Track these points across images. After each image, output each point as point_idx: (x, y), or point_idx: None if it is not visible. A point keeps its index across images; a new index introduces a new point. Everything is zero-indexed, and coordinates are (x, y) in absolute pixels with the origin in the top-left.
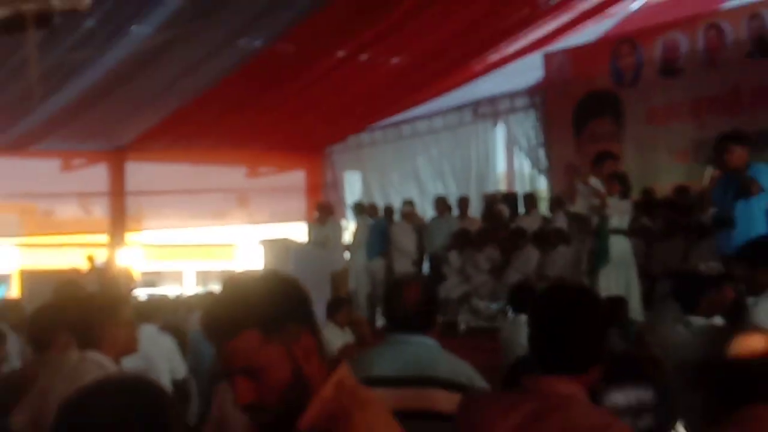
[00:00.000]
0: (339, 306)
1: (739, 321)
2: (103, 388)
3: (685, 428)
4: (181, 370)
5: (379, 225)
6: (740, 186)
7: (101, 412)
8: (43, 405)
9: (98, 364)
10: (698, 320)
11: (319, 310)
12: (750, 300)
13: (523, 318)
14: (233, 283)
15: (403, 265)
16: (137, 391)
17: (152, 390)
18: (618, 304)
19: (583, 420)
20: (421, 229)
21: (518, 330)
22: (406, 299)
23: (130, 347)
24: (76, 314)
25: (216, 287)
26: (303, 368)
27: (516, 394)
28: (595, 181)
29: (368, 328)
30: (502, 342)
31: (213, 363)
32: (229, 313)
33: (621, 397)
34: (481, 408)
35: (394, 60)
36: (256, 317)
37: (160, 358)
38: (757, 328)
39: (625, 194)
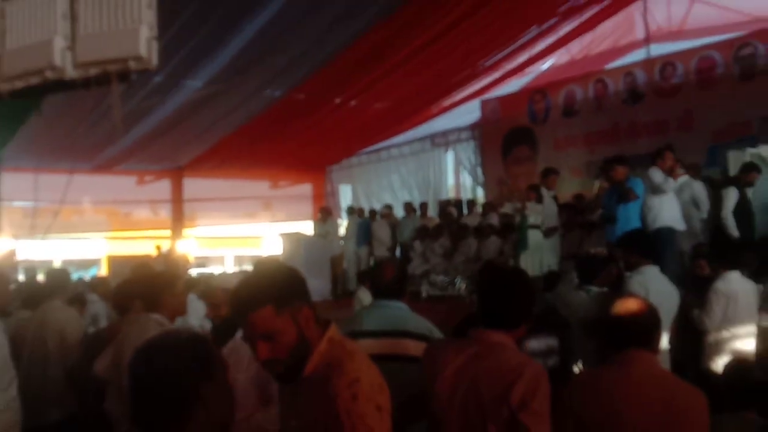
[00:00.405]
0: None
1: (619, 289)
2: (166, 338)
3: (582, 366)
4: (208, 327)
5: (364, 222)
6: (621, 194)
7: (166, 355)
8: (120, 351)
9: (158, 322)
10: (593, 288)
11: (323, 283)
12: (627, 274)
13: None
14: (252, 273)
15: (381, 251)
16: (190, 340)
17: (200, 339)
18: (555, 277)
19: (509, 360)
20: (394, 225)
21: None
22: (385, 275)
23: (180, 311)
24: (145, 287)
25: (248, 268)
26: (304, 332)
27: (463, 341)
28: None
29: None
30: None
31: None
32: (250, 294)
33: (536, 343)
34: (439, 351)
35: (376, 105)
36: (270, 297)
37: (194, 318)
38: (631, 295)
39: (539, 200)
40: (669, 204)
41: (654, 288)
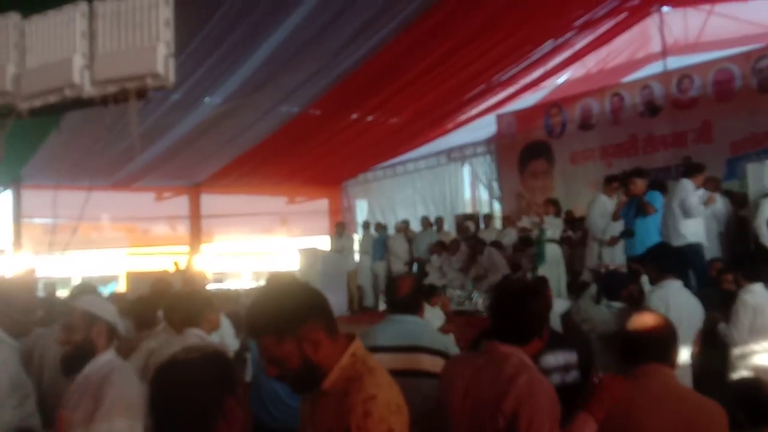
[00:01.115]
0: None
1: (639, 304)
2: (193, 352)
3: None
4: (232, 344)
5: (380, 237)
6: (639, 207)
7: (193, 368)
8: (145, 363)
9: (198, 336)
10: (615, 304)
11: (339, 298)
12: (648, 289)
13: None
14: (260, 298)
15: (398, 266)
16: (215, 355)
17: (223, 355)
18: (584, 285)
19: (507, 370)
20: (410, 239)
21: None
22: (401, 290)
23: (216, 326)
24: (188, 303)
25: (264, 283)
26: (310, 357)
27: (475, 353)
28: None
29: (448, 306)
30: None
31: None
32: (253, 323)
33: (553, 359)
34: (452, 365)
35: (392, 120)
36: (271, 327)
37: (215, 336)
38: (649, 309)
39: (557, 214)
40: (693, 219)
41: (675, 302)
